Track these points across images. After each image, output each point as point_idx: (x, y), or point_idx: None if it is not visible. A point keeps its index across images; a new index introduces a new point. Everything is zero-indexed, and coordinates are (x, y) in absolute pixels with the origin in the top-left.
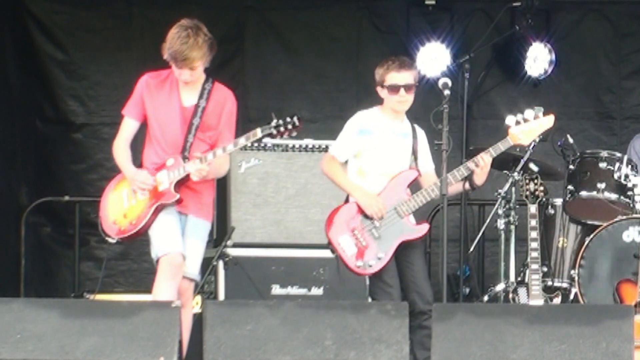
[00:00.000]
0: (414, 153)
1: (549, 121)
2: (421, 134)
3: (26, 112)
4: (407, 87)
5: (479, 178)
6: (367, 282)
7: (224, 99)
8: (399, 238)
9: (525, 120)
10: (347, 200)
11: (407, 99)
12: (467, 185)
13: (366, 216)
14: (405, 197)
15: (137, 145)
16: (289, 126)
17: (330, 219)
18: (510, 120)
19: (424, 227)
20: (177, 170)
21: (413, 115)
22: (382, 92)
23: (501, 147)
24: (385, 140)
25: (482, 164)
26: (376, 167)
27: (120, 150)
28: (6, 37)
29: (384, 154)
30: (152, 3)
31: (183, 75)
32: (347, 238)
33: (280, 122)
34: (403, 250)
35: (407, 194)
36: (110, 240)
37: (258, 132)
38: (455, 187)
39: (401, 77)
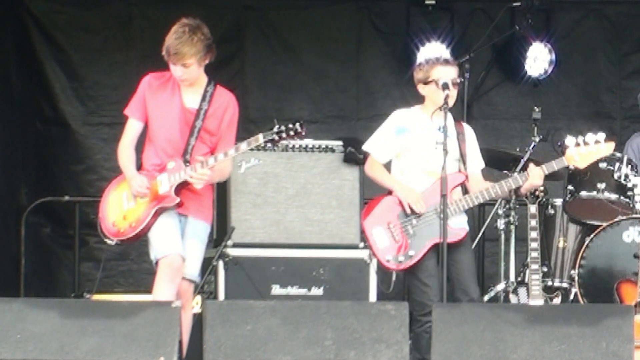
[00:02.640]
0: (462, 155)
1: (608, 148)
2: (469, 132)
3: (26, 112)
4: (453, 83)
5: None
6: (371, 280)
7: (227, 102)
8: (433, 239)
9: (585, 144)
10: (389, 193)
11: (452, 94)
12: (512, 193)
13: (404, 212)
14: (449, 199)
15: (138, 145)
16: (291, 132)
17: (369, 208)
18: (570, 140)
19: (461, 232)
20: (178, 174)
21: None
22: (426, 89)
23: (555, 166)
24: (425, 138)
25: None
26: (418, 166)
27: (123, 152)
28: (7, 37)
29: (424, 152)
30: (152, 3)
31: (176, 71)
32: (381, 231)
33: (283, 127)
34: (448, 249)
35: (450, 196)
36: (109, 242)
37: (260, 137)
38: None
39: (447, 71)
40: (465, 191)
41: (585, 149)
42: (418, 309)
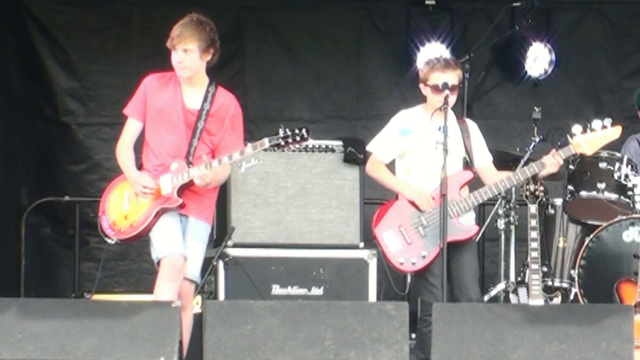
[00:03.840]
0: (468, 151)
1: (615, 132)
2: (473, 128)
3: (26, 112)
4: (451, 88)
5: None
6: (371, 280)
7: (228, 103)
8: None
9: (592, 130)
10: (397, 198)
11: (450, 99)
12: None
13: (414, 214)
14: (457, 197)
15: (138, 145)
16: (297, 137)
17: (379, 215)
18: (576, 128)
19: (472, 229)
20: (181, 175)
21: None
22: (425, 90)
23: (562, 154)
24: (428, 138)
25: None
26: (423, 165)
27: (123, 152)
28: (6, 37)
29: (429, 152)
30: (152, 3)
31: (176, 57)
32: (392, 234)
33: (289, 133)
34: (451, 249)
35: (459, 194)
36: (109, 241)
37: (265, 142)
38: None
39: (446, 77)
40: (480, 186)
41: (592, 135)
42: (425, 309)
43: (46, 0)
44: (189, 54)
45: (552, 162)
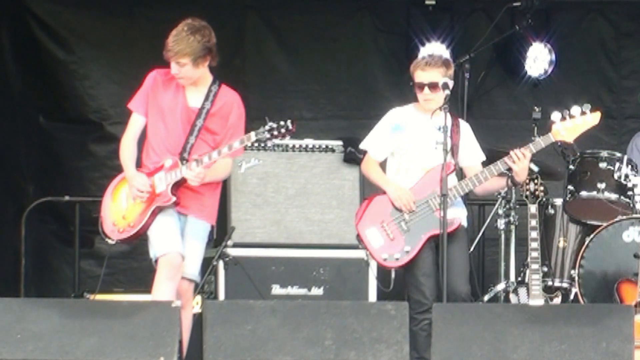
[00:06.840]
0: (453, 148)
1: (594, 118)
2: (464, 127)
3: (29, 111)
4: (432, 86)
5: (518, 174)
6: (371, 280)
7: (231, 102)
8: (428, 232)
9: (571, 117)
10: (383, 192)
11: (432, 98)
12: (509, 182)
13: (396, 209)
14: (438, 190)
15: (142, 140)
16: (282, 130)
17: (361, 210)
18: (555, 116)
19: (455, 223)
20: (174, 172)
21: None
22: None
23: (542, 143)
24: (421, 136)
25: (519, 159)
26: (415, 163)
27: (125, 148)
28: (9, 36)
29: (421, 149)
30: (152, 3)
31: (172, 68)
32: (374, 230)
33: (274, 125)
34: (440, 242)
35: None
36: (109, 241)
37: (252, 135)
38: (494, 183)
39: (426, 75)
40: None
41: (571, 122)
42: (415, 307)
43: (47, 0)
44: (182, 65)
45: (517, 154)
